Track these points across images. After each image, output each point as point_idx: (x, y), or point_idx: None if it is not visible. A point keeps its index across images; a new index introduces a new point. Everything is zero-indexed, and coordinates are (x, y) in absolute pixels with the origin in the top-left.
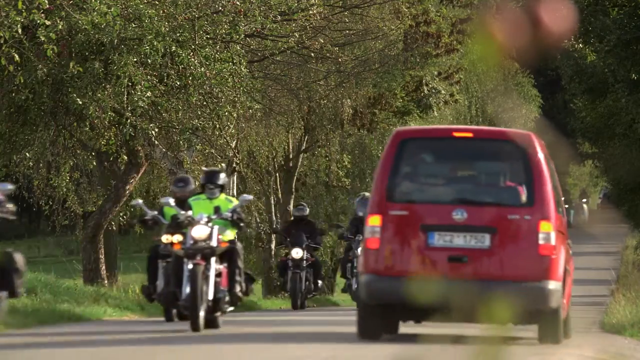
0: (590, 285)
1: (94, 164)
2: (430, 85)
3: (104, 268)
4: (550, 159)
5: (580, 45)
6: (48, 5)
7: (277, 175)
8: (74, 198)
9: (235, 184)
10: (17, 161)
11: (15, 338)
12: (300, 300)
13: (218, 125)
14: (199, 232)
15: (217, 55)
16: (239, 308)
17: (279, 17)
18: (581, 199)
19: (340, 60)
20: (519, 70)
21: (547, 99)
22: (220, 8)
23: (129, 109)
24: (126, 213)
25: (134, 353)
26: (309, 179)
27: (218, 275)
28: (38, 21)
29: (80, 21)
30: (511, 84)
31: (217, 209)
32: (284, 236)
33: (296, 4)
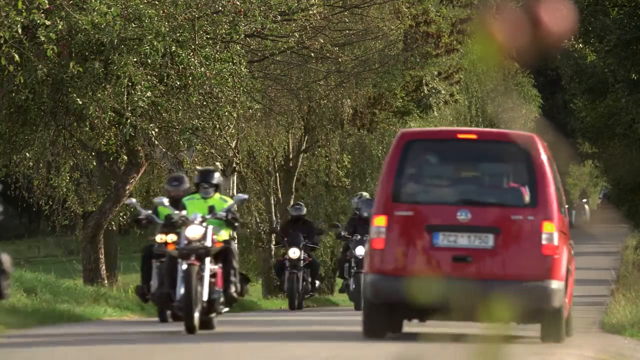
0: (591, 285)
1: (94, 164)
2: (430, 85)
3: (104, 268)
4: (553, 160)
5: (580, 45)
6: (48, 5)
7: (277, 175)
8: (74, 198)
9: (235, 184)
10: (17, 161)
11: (15, 338)
12: (298, 300)
13: (218, 125)
14: (193, 232)
15: (217, 55)
16: (238, 308)
17: (279, 17)
18: (581, 199)
19: (340, 60)
20: (519, 70)
21: (547, 99)
22: (220, 8)
23: (129, 109)
24: (126, 213)
25: (133, 353)
26: (309, 179)
27: (213, 275)
28: (38, 21)
29: (80, 21)
30: (511, 84)
31: (212, 209)
32: (281, 236)
33: (296, 4)
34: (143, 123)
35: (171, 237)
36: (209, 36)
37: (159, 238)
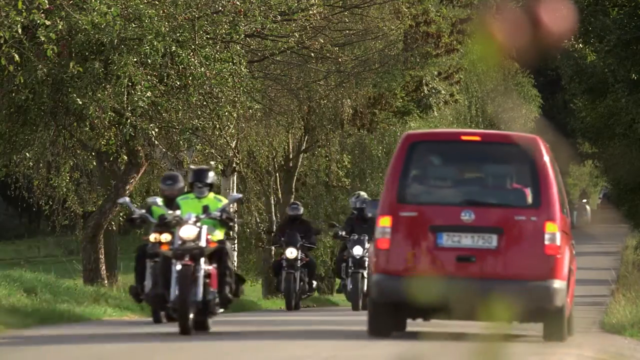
0: (591, 285)
1: (94, 164)
2: (430, 85)
3: (104, 268)
4: (555, 161)
5: (580, 45)
6: (48, 5)
7: (277, 175)
8: (74, 198)
9: (235, 184)
10: (17, 161)
11: (15, 338)
12: (295, 300)
13: (218, 125)
14: (187, 232)
15: (217, 55)
16: (238, 308)
17: (279, 17)
18: (581, 199)
19: (340, 60)
20: (519, 70)
21: (547, 99)
22: (220, 8)
23: (129, 109)
24: (126, 213)
25: (133, 353)
26: (309, 179)
27: (207, 276)
28: (38, 21)
29: (80, 21)
30: (511, 84)
31: (206, 209)
32: (278, 236)
33: (296, 4)
34: (143, 123)
35: (165, 237)
36: (209, 36)
37: (153, 238)
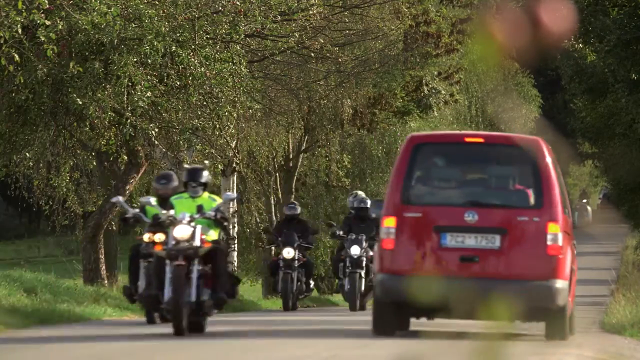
0: (591, 285)
1: (94, 164)
2: (430, 85)
3: (104, 268)
4: (557, 162)
5: (580, 45)
6: (48, 5)
7: (277, 175)
8: (74, 198)
9: (235, 184)
10: (17, 161)
11: (15, 338)
12: (292, 301)
13: (218, 125)
14: (181, 232)
15: (217, 55)
16: (238, 308)
17: (279, 17)
18: (581, 199)
19: (340, 60)
20: (519, 70)
21: (547, 99)
22: (220, 8)
23: (129, 109)
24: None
25: (133, 353)
26: (309, 179)
27: (201, 277)
28: (38, 21)
29: (80, 21)
30: (511, 84)
31: (200, 208)
32: (275, 235)
33: (296, 4)
34: (143, 123)
35: (159, 237)
36: (209, 36)
37: (147, 237)
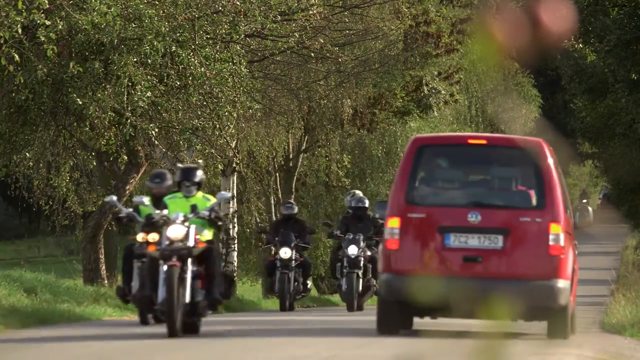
0: (591, 285)
1: (94, 164)
2: (430, 85)
3: (104, 268)
4: (559, 164)
5: (580, 45)
6: (48, 5)
7: (277, 175)
8: (74, 198)
9: (235, 184)
10: (17, 161)
11: (15, 338)
12: (289, 301)
13: (218, 125)
14: (175, 232)
15: (217, 55)
16: (238, 308)
17: (279, 17)
18: (581, 199)
19: (340, 60)
20: (519, 70)
21: (547, 99)
22: (220, 8)
23: (129, 109)
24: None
25: (133, 353)
26: (309, 179)
27: (196, 277)
28: (38, 21)
29: (80, 21)
30: (511, 84)
31: (194, 208)
32: (272, 235)
33: (296, 4)
34: (143, 123)
35: (152, 237)
36: (209, 36)
37: (140, 237)
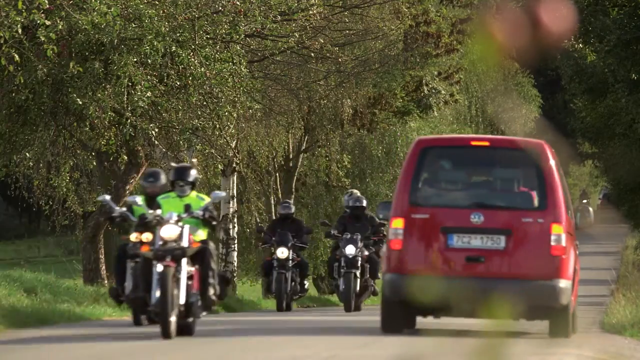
0: (591, 285)
1: (94, 164)
2: (430, 85)
3: (104, 268)
4: (560, 165)
5: (580, 45)
6: (48, 5)
7: (277, 175)
8: (74, 198)
9: (235, 184)
10: (17, 161)
11: (15, 338)
12: (286, 301)
13: (218, 125)
14: (169, 232)
15: (217, 55)
16: (238, 308)
17: (279, 17)
18: (581, 199)
19: (340, 60)
20: (519, 70)
21: (547, 99)
22: (220, 8)
23: (129, 109)
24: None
25: (133, 353)
26: (309, 179)
27: (190, 278)
28: (38, 21)
29: (80, 21)
30: (511, 84)
31: (188, 207)
32: (268, 235)
33: (296, 4)
34: (143, 123)
35: (146, 236)
36: (209, 36)
37: (134, 237)
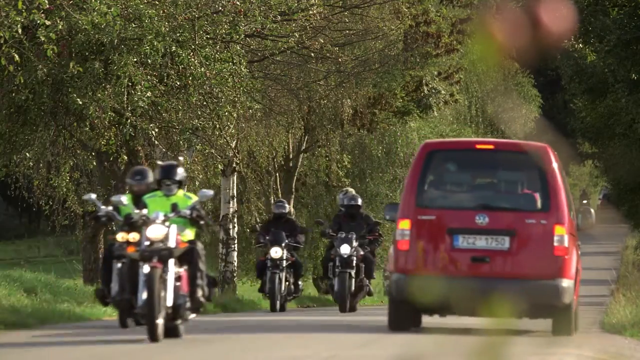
0: (591, 285)
1: (94, 164)
2: (430, 85)
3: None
4: (563, 168)
5: (580, 45)
6: (48, 5)
7: (277, 175)
8: (74, 198)
9: (235, 184)
10: (17, 161)
11: (15, 338)
12: (280, 302)
13: (218, 125)
14: (155, 232)
15: (217, 55)
16: (238, 308)
17: (279, 17)
18: (582, 199)
19: (340, 60)
20: (519, 70)
21: (547, 99)
22: (220, 8)
23: (129, 109)
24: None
25: (133, 353)
26: (309, 179)
27: (177, 279)
28: (38, 21)
29: (80, 21)
30: (511, 84)
31: (175, 207)
32: (262, 234)
33: (296, 4)
34: (143, 123)
35: (133, 236)
36: (209, 36)
37: (120, 237)
